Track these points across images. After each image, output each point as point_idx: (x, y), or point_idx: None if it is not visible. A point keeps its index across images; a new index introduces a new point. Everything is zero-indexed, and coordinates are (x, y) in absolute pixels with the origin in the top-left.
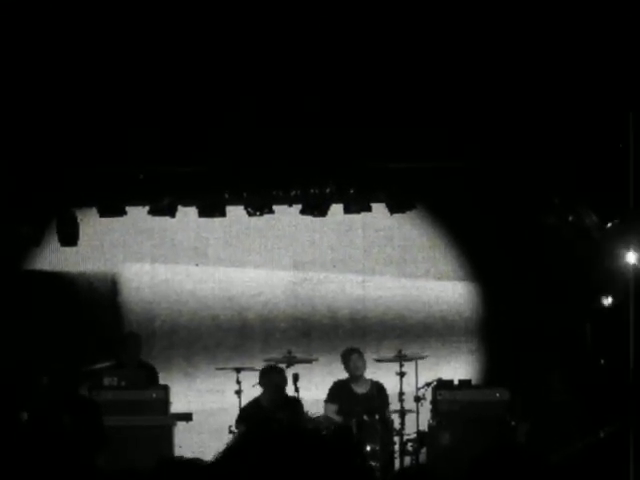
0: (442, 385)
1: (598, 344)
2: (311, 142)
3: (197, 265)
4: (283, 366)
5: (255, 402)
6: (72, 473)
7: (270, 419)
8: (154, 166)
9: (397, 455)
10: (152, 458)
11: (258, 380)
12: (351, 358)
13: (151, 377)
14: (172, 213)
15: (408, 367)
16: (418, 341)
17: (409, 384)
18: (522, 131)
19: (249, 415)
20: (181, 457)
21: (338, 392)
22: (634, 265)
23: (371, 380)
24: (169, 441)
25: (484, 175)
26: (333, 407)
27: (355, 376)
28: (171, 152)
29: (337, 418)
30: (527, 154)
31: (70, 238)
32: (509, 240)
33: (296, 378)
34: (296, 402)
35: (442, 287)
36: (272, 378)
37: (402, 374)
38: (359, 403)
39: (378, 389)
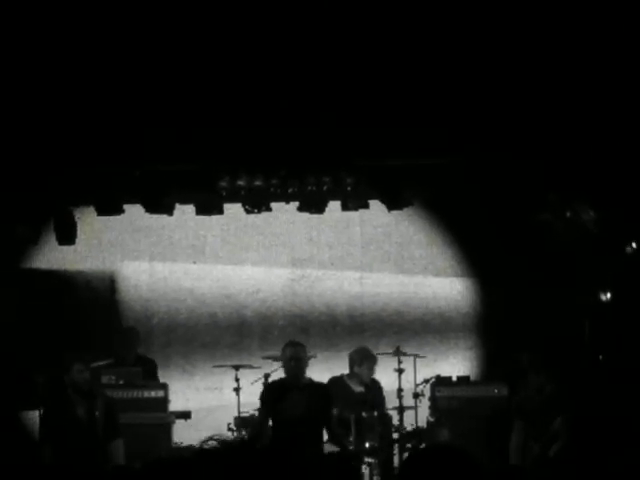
0: (440, 381)
1: (596, 340)
2: (308, 139)
3: (195, 263)
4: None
5: (279, 381)
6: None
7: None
8: (152, 164)
9: (396, 452)
10: (151, 456)
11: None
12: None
13: (150, 371)
14: (170, 211)
15: (406, 364)
16: (416, 338)
17: (408, 381)
18: (519, 127)
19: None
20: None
21: (333, 389)
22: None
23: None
24: (168, 439)
25: (481, 171)
26: None
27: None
28: (168, 150)
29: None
30: (524, 150)
31: (68, 237)
32: (507, 236)
33: None
34: (324, 389)
35: (440, 283)
36: (286, 351)
37: (400, 371)
38: (356, 401)
39: (374, 387)
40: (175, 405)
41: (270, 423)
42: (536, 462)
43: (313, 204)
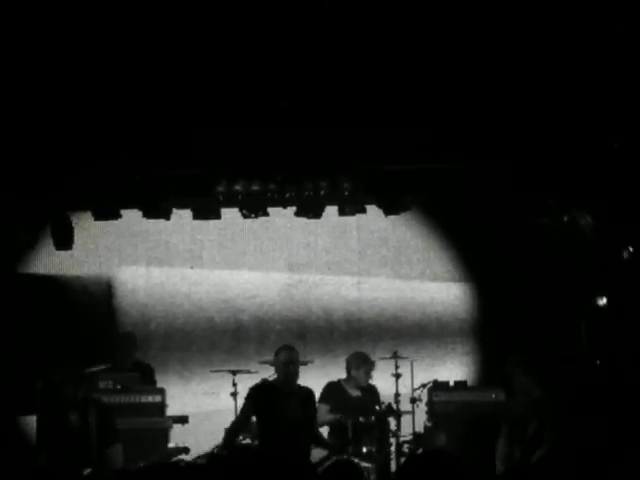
0: (438, 386)
1: (594, 344)
2: (306, 143)
3: (192, 268)
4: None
5: (269, 383)
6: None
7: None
8: (149, 169)
9: (393, 457)
10: (148, 461)
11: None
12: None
13: (147, 376)
14: (167, 216)
15: (404, 368)
16: (413, 342)
17: (405, 385)
18: (517, 132)
19: (257, 393)
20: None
21: (331, 393)
22: (629, 264)
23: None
24: (165, 444)
25: (479, 176)
26: (325, 407)
27: (360, 385)
28: (166, 155)
29: (329, 417)
30: (522, 155)
31: (65, 242)
32: (504, 241)
33: None
34: (311, 393)
35: (437, 288)
36: (280, 355)
37: (398, 375)
38: (353, 405)
39: (371, 391)
40: (172, 410)
41: (255, 423)
42: (516, 467)
43: (310, 209)
